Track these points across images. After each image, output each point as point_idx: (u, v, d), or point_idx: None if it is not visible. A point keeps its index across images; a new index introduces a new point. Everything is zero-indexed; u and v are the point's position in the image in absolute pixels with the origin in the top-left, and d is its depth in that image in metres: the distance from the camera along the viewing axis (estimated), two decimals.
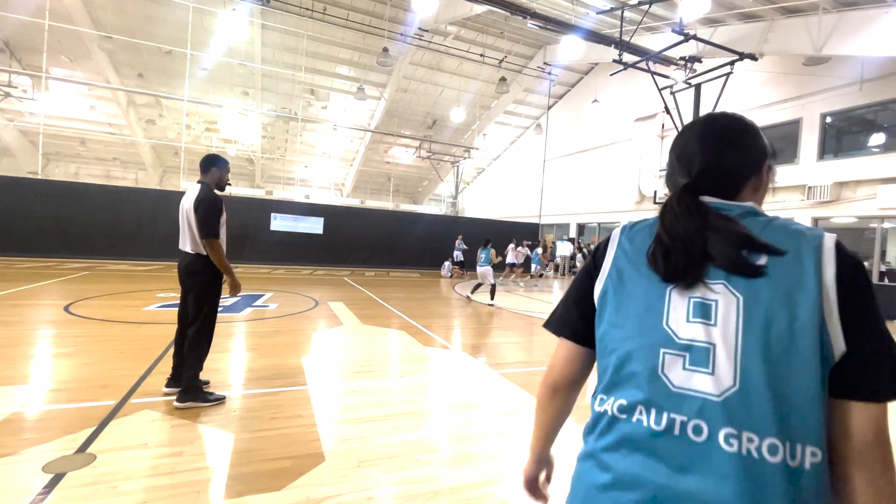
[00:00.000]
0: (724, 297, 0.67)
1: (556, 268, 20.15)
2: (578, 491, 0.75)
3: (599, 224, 20.28)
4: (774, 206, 13.08)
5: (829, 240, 0.67)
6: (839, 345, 0.63)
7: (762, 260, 0.67)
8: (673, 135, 15.99)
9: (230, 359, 4.40)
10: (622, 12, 12.31)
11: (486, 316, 7.93)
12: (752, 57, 11.53)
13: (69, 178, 24.09)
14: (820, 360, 0.62)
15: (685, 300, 0.69)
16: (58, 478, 2.18)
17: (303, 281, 11.68)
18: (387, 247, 17.36)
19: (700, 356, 0.66)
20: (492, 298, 9.42)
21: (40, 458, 2.35)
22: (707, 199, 0.77)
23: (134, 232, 13.96)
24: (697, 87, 13.10)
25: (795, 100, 12.75)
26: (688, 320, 0.68)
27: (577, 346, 0.86)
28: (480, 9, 13.46)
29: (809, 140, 12.38)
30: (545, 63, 19.29)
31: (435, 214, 25.94)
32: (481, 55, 17.53)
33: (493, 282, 9.50)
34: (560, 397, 0.90)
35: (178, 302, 3.42)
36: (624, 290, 0.76)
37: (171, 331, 4.11)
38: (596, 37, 13.13)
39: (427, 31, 16.45)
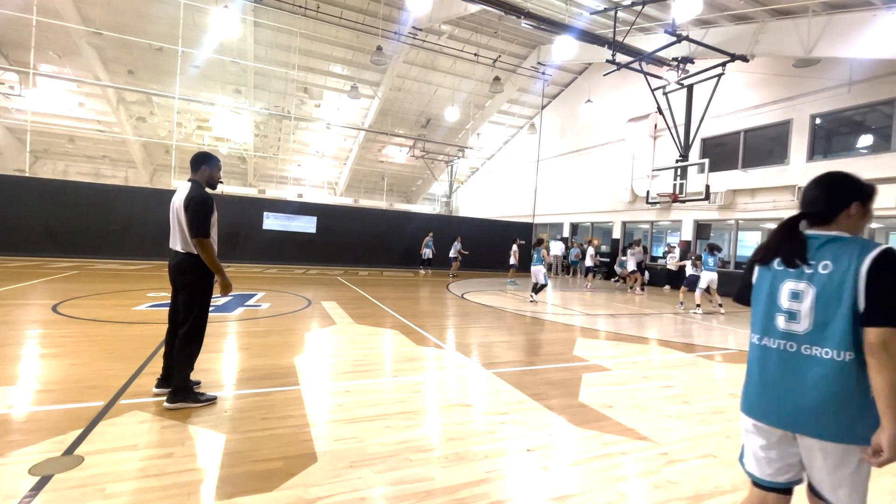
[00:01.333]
0: (807, 289, 1.36)
1: (549, 266, 20.21)
2: (750, 376, 1.50)
3: (592, 224, 20.38)
4: (766, 206, 13.23)
5: (877, 250, 1.28)
6: (862, 304, 1.26)
7: (828, 267, 1.33)
8: (665, 135, 16.16)
9: (222, 359, 4.36)
10: (615, 13, 12.37)
11: (480, 315, 7.93)
12: (744, 58, 11.64)
13: (58, 177, 23.78)
14: (852, 314, 1.27)
15: (788, 290, 1.40)
16: (45, 480, 2.15)
17: (295, 280, 11.62)
18: (380, 246, 17.33)
19: (793, 316, 1.38)
20: (535, 294, 9.86)
21: (27, 460, 2.32)
22: (808, 230, 1.45)
23: (124, 231, 13.81)
24: (690, 87, 13.21)
25: (786, 101, 12.89)
26: (788, 300, 1.39)
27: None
28: (474, 8, 13.46)
29: (799, 141, 12.53)
30: (539, 63, 19.34)
31: (429, 214, 25.91)
32: (475, 54, 17.53)
33: (543, 282, 9.82)
34: None
35: (169, 301, 3.38)
36: (761, 283, 1.49)
37: (161, 331, 4.08)
38: (589, 37, 13.18)
39: (421, 29, 16.41)
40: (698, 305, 9.71)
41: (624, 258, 14.99)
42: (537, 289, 9.89)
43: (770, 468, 1.45)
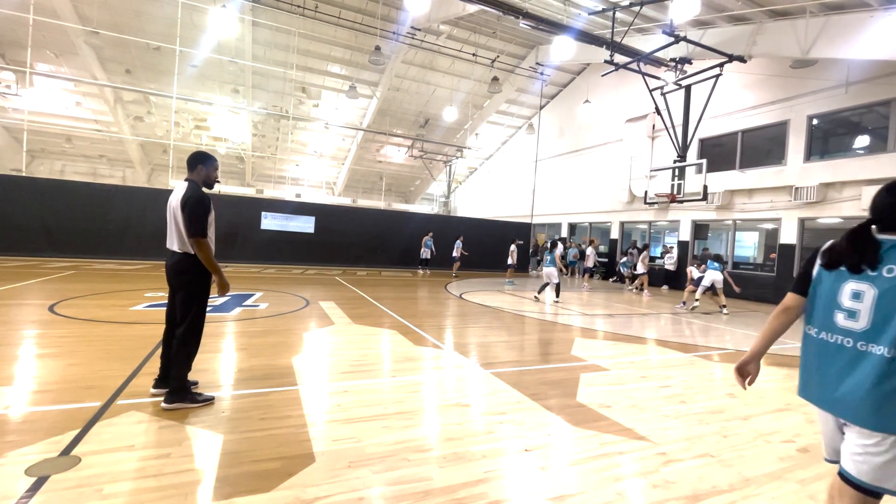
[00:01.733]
0: (868, 290, 1.44)
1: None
2: (808, 365, 1.62)
3: (591, 224, 20.40)
4: (763, 206, 13.26)
5: None
6: None
7: (892, 270, 1.40)
8: (663, 135, 16.17)
9: (219, 359, 4.35)
10: (614, 13, 12.39)
11: (478, 315, 7.93)
12: (741, 59, 11.67)
13: (54, 176, 23.67)
14: None
15: (849, 290, 1.49)
16: (41, 481, 2.14)
17: (293, 280, 11.60)
18: (379, 246, 17.31)
19: (852, 314, 1.47)
20: (557, 296, 10.06)
21: (23, 460, 2.31)
22: (880, 235, 1.48)
23: (121, 231, 13.76)
24: (687, 88, 13.23)
25: (783, 102, 12.92)
26: (849, 299, 1.49)
27: (800, 296, 1.68)
28: (473, 8, 13.46)
29: (796, 142, 12.56)
30: (537, 63, 19.36)
31: (427, 214, 25.91)
32: (474, 55, 17.54)
33: (556, 281, 9.99)
34: (786, 314, 1.71)
35: (166, 301, 3.37)
36: (822, 281, 1.59)
37: (158, 331, 4.06)
38: (588, 37, 13.20)
39: (419, 29, 16.42)
40: (697, 300, 9.93)
41: (625, 259, 15.13)
42: (555, 289, 9.99)
43: (829, 447, 1.64)
